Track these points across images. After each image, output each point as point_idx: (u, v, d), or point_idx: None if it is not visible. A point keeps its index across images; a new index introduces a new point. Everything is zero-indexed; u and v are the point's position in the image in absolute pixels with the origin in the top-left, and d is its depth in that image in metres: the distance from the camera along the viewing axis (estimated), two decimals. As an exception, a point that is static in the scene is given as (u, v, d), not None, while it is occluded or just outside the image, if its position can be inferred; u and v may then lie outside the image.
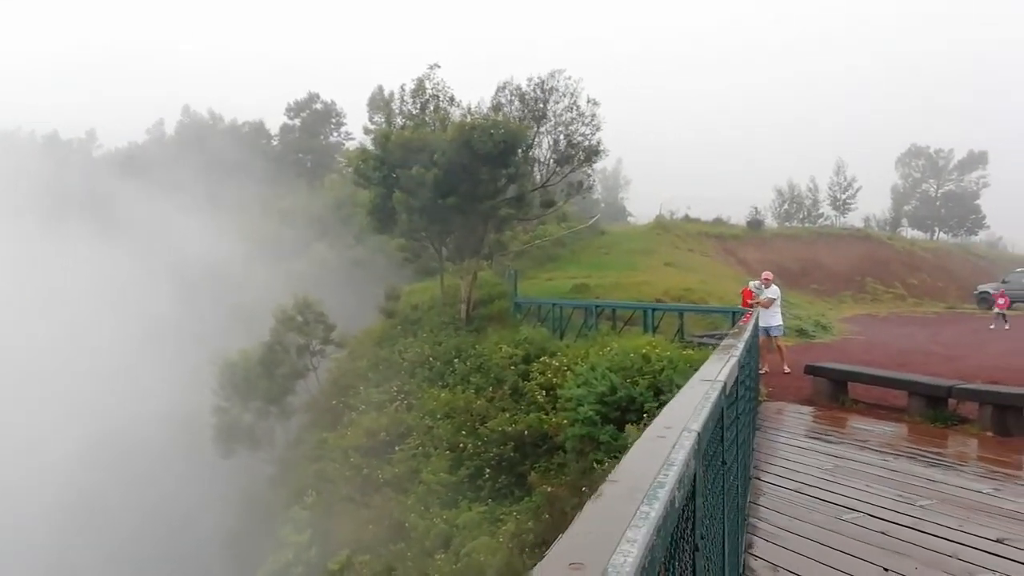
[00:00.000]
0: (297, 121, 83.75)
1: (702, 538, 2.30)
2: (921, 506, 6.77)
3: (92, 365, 41.43)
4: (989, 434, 9.89)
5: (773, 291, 16.26)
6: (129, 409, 36.33)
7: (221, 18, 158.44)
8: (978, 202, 68.74)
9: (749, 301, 16.37)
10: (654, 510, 1.40)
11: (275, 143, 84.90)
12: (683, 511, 1.81)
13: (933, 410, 10.82)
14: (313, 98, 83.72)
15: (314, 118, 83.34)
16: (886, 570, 5.21)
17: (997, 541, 5.77)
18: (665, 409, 2.59)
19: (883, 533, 6.03)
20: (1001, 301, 25.81)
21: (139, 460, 34.40)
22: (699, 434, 2.20)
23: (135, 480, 33.93)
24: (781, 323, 16.24)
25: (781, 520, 6.46)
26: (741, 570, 5.04)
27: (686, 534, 1.92)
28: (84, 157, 79.38)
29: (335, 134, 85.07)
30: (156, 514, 31.99)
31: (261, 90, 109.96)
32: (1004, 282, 35.17)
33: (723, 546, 3.36)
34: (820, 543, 5.89)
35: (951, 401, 10.88)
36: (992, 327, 24.38)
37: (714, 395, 2.94)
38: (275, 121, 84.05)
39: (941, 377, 12.29)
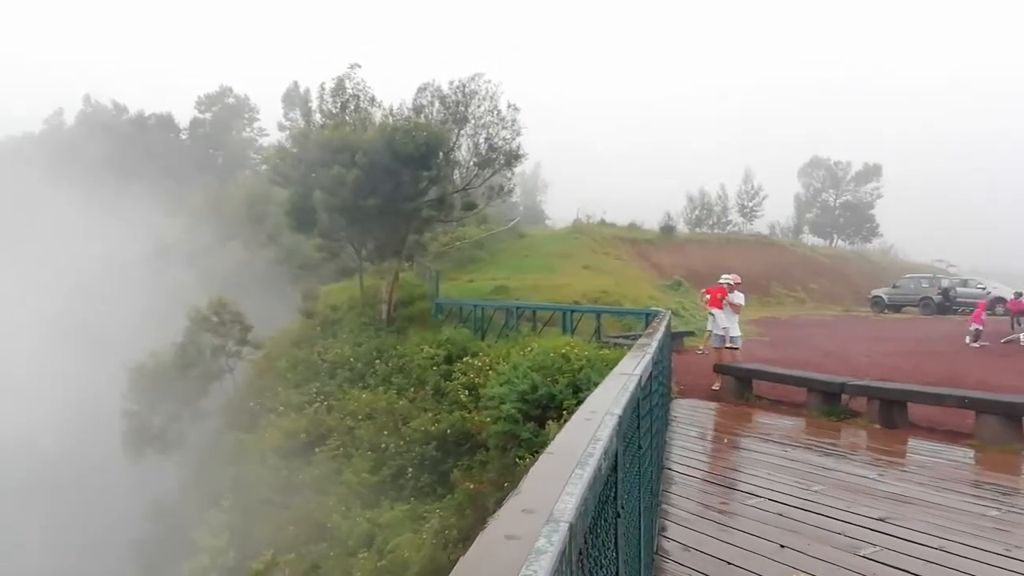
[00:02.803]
0: (208, 115, 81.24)
1: (623, 507, 2.66)
2: (815, 491, 7.40)
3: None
4: (877, 426, 10.77)
5: (741, 297, 15.20)
6: (29, 414, 34.50)
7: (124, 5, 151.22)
8: (872, 212, 73.03)
9: (722, 299, 14.86)
10: (586, 473, 1.74)
11: (184, 137, 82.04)
12: (607, 480, 2.16)
13: (828, 405, 11.68)
14: (225, 92, 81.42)
15: (226, 112, 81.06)
16: (782, 546, 5.74)
17: (880, 519, 6.41)
18: (590, 397, 2.94)
19: (780, 515, 6.60)
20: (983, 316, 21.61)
21: (41, 466, 32.74)
22: (619, 417, 2.57)
23: (37, 487, 32.29)
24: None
25: (690, 506, 6.97)
26: (655, 549, 5.47)
27: (610, 499, 2.27)
28: (-27, 146, 74.61)
29: (248, 129, 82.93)
30: (59, 521, 30.55)
31: (169, 82, 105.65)
32: (895, 286, 37.65)
33: (639, 524, 3.74)
34: (725, 525, 6.42)
35: (844, 396, 11.75)
36: (976, 345, 20.46)
37: (631, 386, 3.31)
38: (184, 114, 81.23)
39: (837, 375, 13.23)
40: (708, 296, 15.36)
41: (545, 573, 1.14)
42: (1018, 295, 24.08)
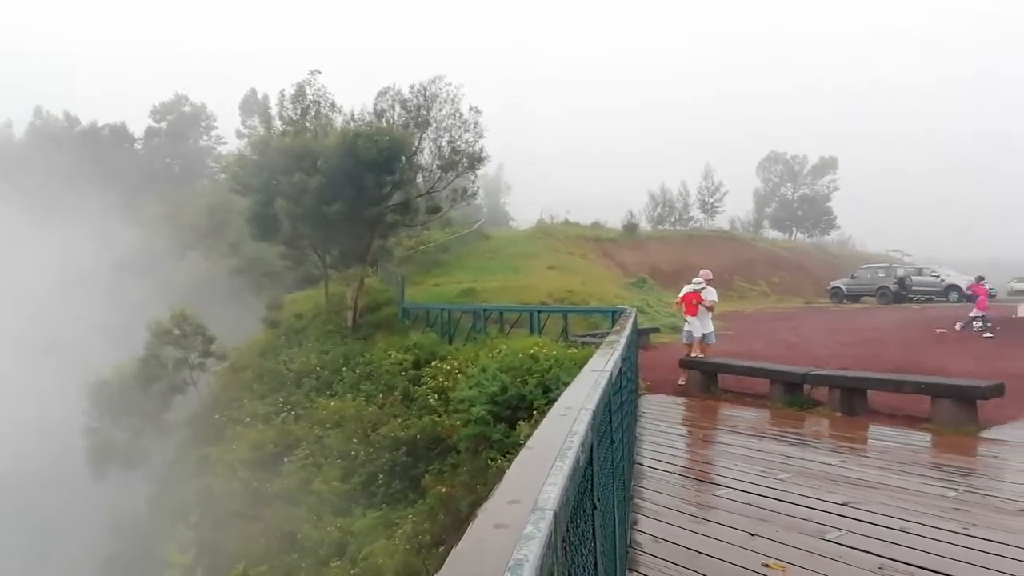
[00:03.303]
0: (164, 124, 79.88)
1: (599, 499, 2.75)
2: (781, 479, 7.59)
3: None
4: (838, 414, 11.05)
5: (713, 293, 14.81)
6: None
7: (71, 13, 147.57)
8: (829, 204, 74.59)
9: (699, 304, 14.39)
10: (566, 465, 1.82)
11: (139, 147, 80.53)
12: (584, 472, 2.24)
13: (791, 395, 11.95)
14: (181, 100, 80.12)
15: (182, 121, 79.80)
16: (752, 535, 5.90)
17: (844, 504, 6.61)
18: (564, 393, 3.04)
19: (749, 504, 6.76)
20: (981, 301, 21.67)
21: (3, 487, 31.84)
22: (593, 412, 2.66)
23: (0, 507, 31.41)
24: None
25: (661, 499, 7.10)
26: (628, 543, 5.58)
27: (587, 491, 2.35)
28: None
29: (205, 138, 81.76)
30: (25, 541, 29.72)
31: (122, 91, 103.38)
32: (853, 277, 38.55)
33: (614, 516, 3.84)
34: (696, 516, 6.56)
35: (806, 387, 12.03)
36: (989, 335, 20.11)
37: (603, 382, 3.41)
38: (139, 124, 79.71)
39: (799, 366, 13.51)
40: (684, 306, 14.76)
41: (535, 557, 1.21)
42: (979, 279, 24.54)
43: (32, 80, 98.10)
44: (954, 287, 34.45)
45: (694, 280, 14.97)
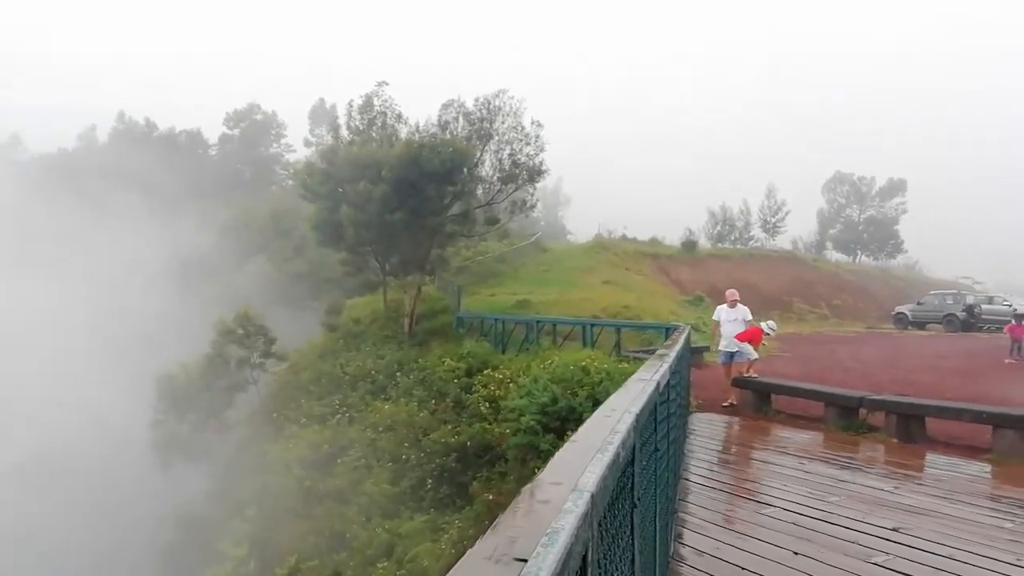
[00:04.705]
0: (236, 131, 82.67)
1: (638, 499, 2.90)
2: (830, 502, 7.55)
3: (22, 383, 39.85)
4: (895, 441, 10.85)
5: (748, 312, 14.92)
6: (61, 424, 35.23)
7: (150, 23, 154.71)
8: (897, 227, 72.30)
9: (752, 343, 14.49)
10: (606, 457, 2.00)
11: (213, 152, 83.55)
12: (625, 469, 2.40)
13: (846, 419, 11.77)
14: (253, 108, 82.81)
15: (254, 128, 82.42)
16: (796, 554, 5.92)
17: (893, 530, 6.55)
18: (611, 398, 3.20)
19: (795, 524, 6.77)
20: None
21: (71, 476, 33.37)
22: (636, 415, 2.82)
23: (68, 495, 32.86)
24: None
25: (706, 514, 7.15)
26: (671, 553, 5.67)
27: (627, 489, 2.51)
28: (8, 162, 76.35)
29: (275, 145, 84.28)
30: (88, 529, 31.08)
31: (196, 98, 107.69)
32: (919, 303, 37.39)
33: (655, 522, 3.97)
34: (740, 533, 6.61)
35: (862, 411, 11.84)
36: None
37: (649, 389, 3.56)
38: (213, 131, 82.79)
39: (857, 390, 13.27)
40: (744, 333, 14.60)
41: (571, 527, 1.39)
42: (1020, 319, 22.32)
43: (118, 86, 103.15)
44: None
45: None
